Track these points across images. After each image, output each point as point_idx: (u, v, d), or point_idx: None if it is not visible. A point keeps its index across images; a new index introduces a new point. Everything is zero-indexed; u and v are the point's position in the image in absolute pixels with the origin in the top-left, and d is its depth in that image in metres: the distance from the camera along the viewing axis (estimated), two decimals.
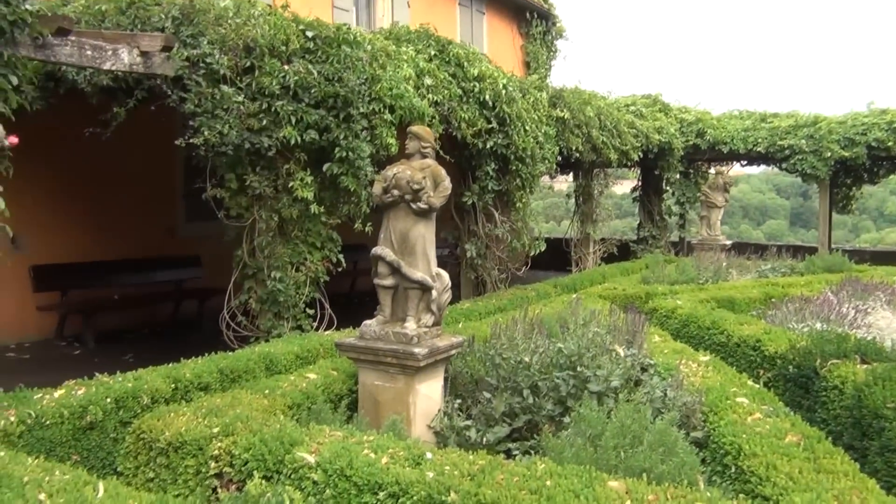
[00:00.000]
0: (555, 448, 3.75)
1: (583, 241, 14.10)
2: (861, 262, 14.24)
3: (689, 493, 3.08)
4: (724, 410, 4.30)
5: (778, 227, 53.08)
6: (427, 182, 4.74)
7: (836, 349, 5.54)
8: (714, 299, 8.79)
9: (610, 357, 5.01)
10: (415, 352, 4.57)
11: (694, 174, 18.23)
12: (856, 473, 3.39)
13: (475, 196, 9.27)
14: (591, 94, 13.08)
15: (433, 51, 8.47)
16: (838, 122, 15.97)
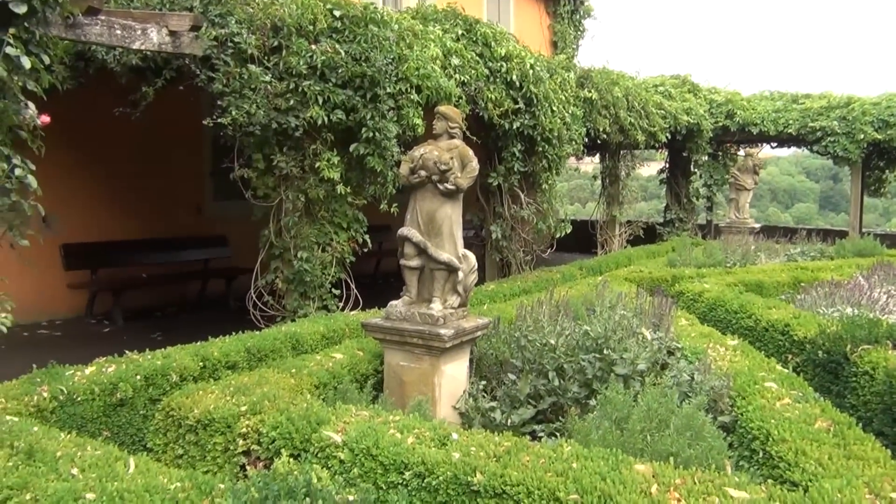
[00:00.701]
0: (581, 431, 3.75)
1: (608, 223, 14.00)
2: (893, 246, 13.99)
3: (716, 478, 3.06)
4: (753, 395, 4.27)
5: (807, 210, 52.29)
6: (454, 163, 4.72)
7: (867, 334, 5.46)
8: (742, 283, 8.70)
9: (636, 340, 4.99)
10: (440, 333, 4.57)
11: (723, 156, 17.98)
12: (887, 460, 3.35)
13: (501, 177, 9.22)
14: (619, 74, 12.93)
15: (460, 30, 8.40)
16: (872, 103, 15.63)
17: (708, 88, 17.44)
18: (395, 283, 5.13)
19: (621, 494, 2.89)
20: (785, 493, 2.95)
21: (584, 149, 12.56)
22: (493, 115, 8.48)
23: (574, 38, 18.53)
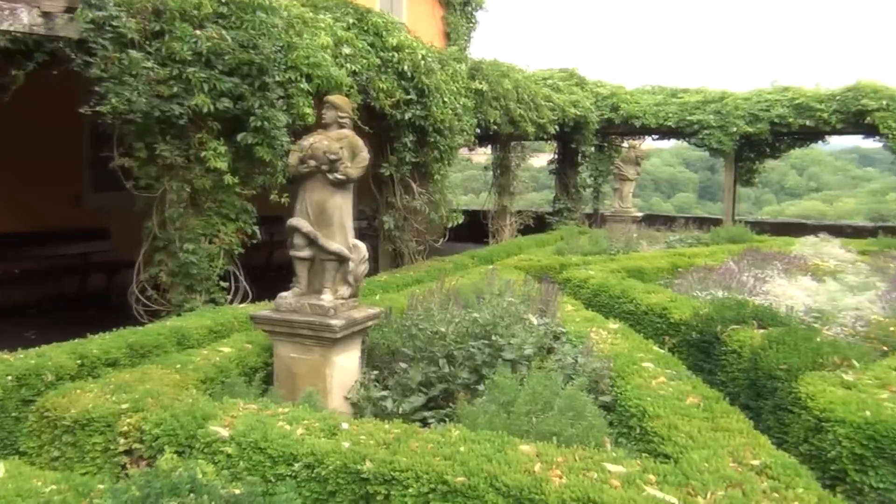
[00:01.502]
0: (469, 415, 3.84)
1: (500, 213, 14.28)
2: (762, 233, 14.94)
3: (595, 454, 3.22)
4: (631, 375, 4.49)
5: (687, 199, 54.77)
6: (344, 153, 4.71)
7: (735, 315, 5.84)
8: (624, 269, 9.08)
9: (524, 326, 5.14)
10: (331, 323, 4.57)
11: (608, 148, 18.66)
12: (749, 431, 3.61)
13: (393, 168, 9.24)
14: (509, 66, 13.17)
15: (351, 19, 8.36)
16: (744, 98, 16.61)
17: (594, 82, 18.05)
18: (287, 274, 5.07)
19: (506, 474, 2.99)
20: (658, 465, 3.14)
21: (476, 140, 12.74)
22: (385, 105, 8.49)
23: (466, 30, 18.71)
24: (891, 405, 3.99)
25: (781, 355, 4.82)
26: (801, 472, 3.06)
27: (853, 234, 16.10)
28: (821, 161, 60.77)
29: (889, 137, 15.03)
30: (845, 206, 46.30)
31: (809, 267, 9.27)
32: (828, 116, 15.65)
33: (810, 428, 4.16)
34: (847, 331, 6.61)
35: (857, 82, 15.57)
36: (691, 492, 2.87)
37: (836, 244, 11.49)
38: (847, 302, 7.31)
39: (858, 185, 55.83)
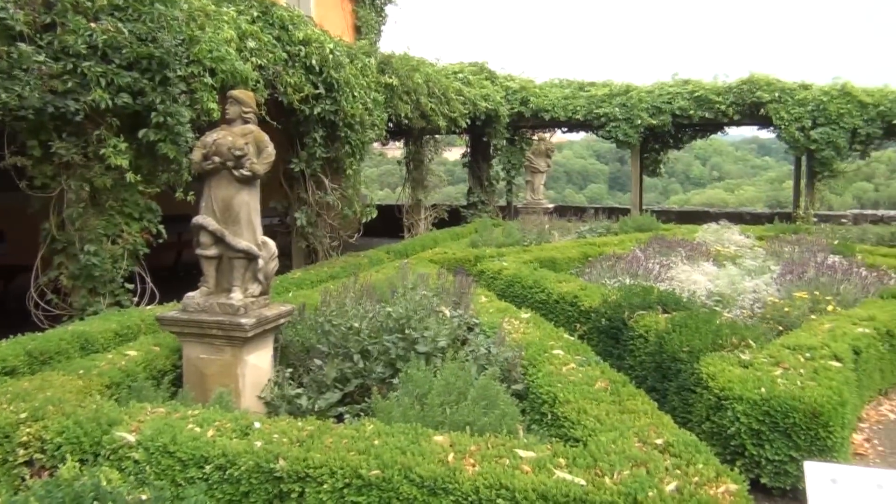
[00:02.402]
0: (383, 409, 3.85)
1: (414, 207, 14.29)
2: (668, 221, 15.46)
3: (507, 441, 3.29)
4: (542, 363, 4.59)
5: (599, 190, 56.18)
6: (250, 148, 4.62)
7: (641, 301, 6.04)
8: (537, 260, 9.25)
9: (437, 319, 5.17)
10: (242, 322, 4.49)
11: (519, 141, 18.92)
12: (654, 411, 3.75)
13: (303, 163, 9.11)
14: (419, 60, 13.16)
15: (256, 12, 8.17)
16: (647, 91, 17.14)
17: (504, 76, 18.24)
18: (197, 274, 4.94)
19: (420, 465, 3.02)
20: (568, 448, 3.23)
21: (388, 134, 12.71)
22: (293, 99, 8.36)
23: (376, 24, 18.61)
24: (784, 381, 4.22)
25: (684, 338, 5.03)
26: (701, 449, 3.20)
27: (752, 221, 16.88)
28: (722, 151, 63.39)
29: (782, 128, 15.80)
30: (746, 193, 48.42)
31: (711, 253, 9.68)
32: (725, 108, 16.32)
33: (711, 406, 4.36)
34: (746, 313, 6.96)
35: (752, 75, 16.29)
36: (599, 473, 2.97)
37: (736, 231, 12.03)
38: (745, 285, 7.67)
39: (757, 173, 58.49)
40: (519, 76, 18.51)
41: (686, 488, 2.84)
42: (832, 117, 15.41)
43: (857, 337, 5.31)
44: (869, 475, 2.41)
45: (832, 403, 3.98)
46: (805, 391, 4.06)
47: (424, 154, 14.28)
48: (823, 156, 15.59)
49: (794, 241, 10.37)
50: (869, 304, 6.47)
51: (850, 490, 2.38)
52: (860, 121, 15.39)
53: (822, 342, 4.97)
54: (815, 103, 15.56)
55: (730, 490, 2.85)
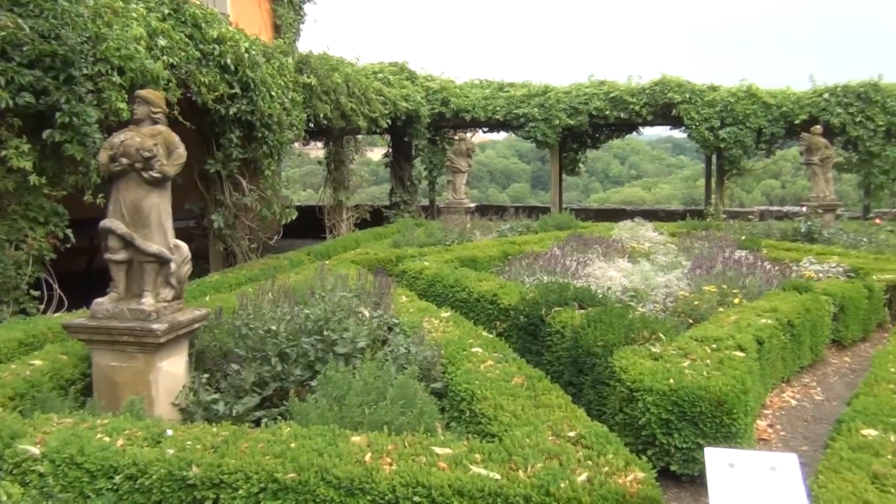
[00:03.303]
0: (300, 411, 3.82)
1: (336, 208, 14.19)
2: (587, 219, 15.83)
3: (425, 440, 3.32)
4: (461, 361, 4.64)
5: (521, 189, 56.88)
6: (159, 149, 4.51)
7: (558, 298, 6.17)
8: (458, 259, 9.32)
9: (357, 319, 5.16)
10: (154, 328, 4.37)
11: (441, 141, 19.02)
12: (568, 405, 3.84)
13: (220, 164, 8.94)
14: (338, 60, 13.10)
15: (167, 10, 7.96)
16: (564, 92, 17.49)
17: (424, 76, 18.31)
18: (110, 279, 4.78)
19: (337, 467, 3.02)
20: (484, 444, 3.28)
21: (308, 135, 12.59)
22: (208, 99, 8.19)
23: (295, 22, 18.37)
24: (691, 372, 4.39)
25: (598, 333, 5.16)
26: (611, 440, 3.31)
27: (666, 218, 17.43)
28: (639, 151, 65.16)
29: (692, 128, 16.40)
30: (662, 191, 49.88)
31: (626, 250, 9.96)
32: (639, 109, 16.82)
33: (624, 398, 4.49)
34: (658, 307, 7.19)
35: (663, 77, 16.83)
36: (513, 467, 3.03)
37: (650, 228, 12.39)
38: (658, 280, 7.92)
39: (673, 172, 60.30)
40: (439, 76, 18.61)
41: (596, 478, 2.93)
42: (739, 118, 16.08)
43: (761, 328, 5.56)
44: (763, 458, 2.54)
45: (735, 392, 4.17)
46: (710, 381, 4.23)
47: (345, 154, 14.21)
48: (731, 154, 16.26)
49: (704, 237, 10.77)
50: (772, 296, 6.78)
51: (746, 473, 2.50)
52: (765, 121, 16.12)
53: (727, 333, 5.19)
54: (723, 104, 16.21)
55: (638, 478, 2.95)
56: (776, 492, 2.43)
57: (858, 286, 7.49)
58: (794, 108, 16.08)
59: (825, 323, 6.76)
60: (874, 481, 2.94)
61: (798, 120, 15.93)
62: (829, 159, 13.40)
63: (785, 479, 2.45)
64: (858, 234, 11.64)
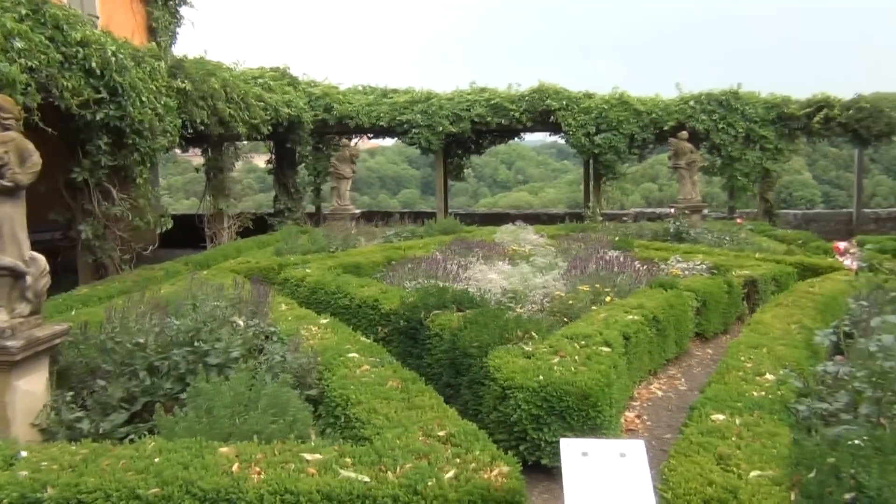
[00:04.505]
0: (167, 425, 3.73)
1: (217, 216, 13.83)
2: (473, 223, 16.10)
3: (295, 447, 3.31)
4: (337, 367, 4.65)
5: (412, 195, 57.13)
6: (11, 157, 4.28)
7: (437, 301, 6.26)
8: (342, 265, 9.30)
9: (231, 329, 5.07)
10: (8, 345, 4.14)
11: (326, 147, 18.89)
12: (440, 405, 3.92)
13: (87, 172, 8.54)
14: (216, 64, 12.78)
15: (24, 10, 7.54)
16: (447, 98, 17.76)
17: (307, 82, 18.14)
18: None
19: (203, 479, 2.97)
20: (355, 448, 3.30)
21: (185, 141, 12.22)
22: (72, 104, 7.82)
23: (170, 26, 17.79)
24: (559, 368, 4.57)
25: (474, 334, 5.28)
26: (479, 437, 3.40)
27: (548, 221, 17.97)
28: (525, 156, 66.75)
29: (570, 133, 17.01)
30: (548, 195, 51.27)
31: (507, 252, 10.21)
32: (519, 115, 17.30)
33: (498, 396, 4.62)
34: (536, 307, 7.40)
35: (541, 84, 17.39)
36: (383, 468, 3.07)
37: (531, 231, 12.75)
38: (536, 282, 8.16)
39: (558, 176, 62.09)
40: (322, 82, 18.48)
41: (463, 474, 3.01)
42: (613, 124, 16.82)
43: (628, 324, 5.84)
44: (614, 446, 2.68)
45: (599, 385, 4.37)
46: (577, 376, 4.42)
47: (225, 161, 13.86)
48: (606, 159, 16.97)
49: (580, 239, 11.20)
50: (640, 293, 7.13)
51: (598, 460, 2.64)
52: (636, 127, 16.92)
53: (596, 330, 5.42)
54: (598, 111, 16.91)
55: (502, 472, 3.05)
56: (624, 476, 2.57)
57: (719, 282, 7.99)
58: (662, 115, 16.97)
59: (688, 317, 7.16)
60: (719, 462, 3.15)
61: (667, 126, 16.82)
62: (695, 163, 14.20)
63: (633, 463, 2.60)
64: (722, 234, 12.41)
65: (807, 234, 13.70)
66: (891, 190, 42.94)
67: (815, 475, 2.92)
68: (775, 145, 17.14)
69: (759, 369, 4.45)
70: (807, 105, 17.15)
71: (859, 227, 18.36)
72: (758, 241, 12.20)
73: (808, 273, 9.02)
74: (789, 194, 42.43)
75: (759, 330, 5.59)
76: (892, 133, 17.34)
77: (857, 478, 2.83)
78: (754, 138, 17.08)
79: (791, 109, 17.12)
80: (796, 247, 11.82)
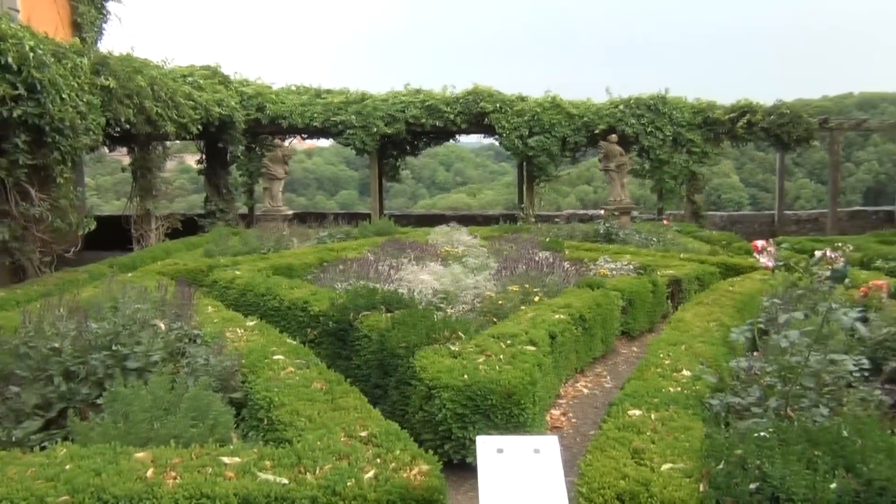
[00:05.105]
0: (81, 431, 3.63)
1: (144, 217, 13.48)
2: (408, 225, 16.11)
3: (213, 451, 3.26)
4: (262, 369, 4.60)
5: (350, 196, 56.82)
6: None
7: (367, 302, 6.25)
8: (273, 267, 9.20)
9: (153, 332, 4.96)
10: None
11: (258, 147, 18.63)
12: (364, 406, 3.92)
13: (3, 171, 8.22)
14: (143, 62, 12.46)
15: None
16: (382, 99, 17.73)
17: (239, 81, 17.85)
18: None
19: (116, 485, 2.90)
20: (274, 450, 3.27)
21: (111, 140, 11.90)
22: None
23: (97, 21, 17.28)
24: (485, 368, 4.62)
25: (402, 334, 5.29)
26: (401, 437, 3.42)
27: (483, 222, 18.14)
28: (464, 158, 67.16)
29: (503, 136, 17.19)
30: (486, 197, 51.67)
31: (441, 253, 10.26)
32: (454, 117, 17.39)
33: (424, 396, 4.65)
34: (467, 307, 7.46)
35: (475, 87, 17.52)
36: (302, 470, 3.05)
37: (465, 232, 12.84)
38: (468, 282, 8.23)
39: (496, 178, 62.63)
40: (255, 81, 18.22)
41: (383, 474, 3.02)
42: (545, 127, 17.07)
43: (554, 323, 5.93)
44: (528, 442, 2.74)
45: (524, 384, 4.43)
46: (502, 375, 4.47)
47: (153, 161, 13.53)
48: (540, 161, 17.20)
49: (513, 240, 11.33)
50: (568, 293, 7.25)
51: (513, 457, 2.68)
52: (569, 130, 17.22)
53: (522, 329, 5.50)
54: (531, 114, 17.14)
55: (422, 471, 3.07)
56: (538, 471, 2.62)
57: (645, 281, 8.20)
58: (594, 119, 17.30)
59: (615, 316, 7.33)
60: (634, 456, 3.24)
61: (598, 129, 17.16)
62: (625, 166, 14.53)
63: (546, 459, 2.65)
64: (650, 235, 12.73)
65: (731, 235, 14.18)
66: (813, 193, 44.78)
67: (724, 467, 3.02)
68: (702, 149, 17.67)
69: (676, 366, 4.59)
70: (731, 110, 17.75)
71: (781, 229, 19.08)
72: (684, 241, 12.55)
73: (731, 273, 9.34)
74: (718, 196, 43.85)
75: (679, 328, 5.76)
76: (811, 138, 18.10)
77: (761, 468, 2.95)
78: (682, 142, 17.58)
79: (716, 114, 17.69)
80: (720, 247, 12.22)
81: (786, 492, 2.81)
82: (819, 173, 44.73)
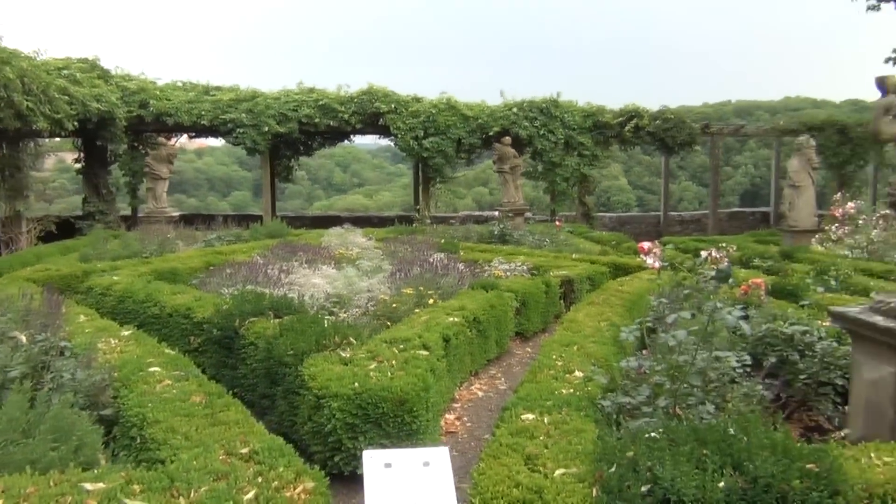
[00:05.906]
0: None
1: (13, 219, 12.56)
2: (302, 227, 15.72)
3: (74, 476, 2.97)
4: (137, 382, 4.28)
5: (243, 197, 55.31)
6: None
7: (254, 308, 5.98)
8: (156, 272, 8.72)
9: (13, 345, 4.54)
10: None
11: (142, 146, 17.77)
12: (246, 420, 3.70)
13: None
14: (12, 52, 11.60)
15: None
16: (274, 98, 17.25)
17: (121, 75, 16.96)
18: None
19: None
20: (145, 473, 3.01)
21: None
22: None
23: None
24: (376, 374, 4.47)
25: (290, 341, 5.07)
26: (285, 452, 3.22)
27: (379, 224, 17.95)
28: (361, 159, 66.68)
29: (398, 136, 17.07)
30: (384, 199, 51.45)
31: (334, 256, 10.02)
32: (349, 117, 17.13)
33: (313, 406, 4.45)
34: (361, 311, 7.29)
35: (370, 87, 17.32)
36: (175, 493, 2.81)
37: (359, 233, 12.64)
38: (361, 285, 8.04)
39: (393, 179, 62.51)
40: (138, 76, 17.36)
41: (263, 494, 2.82)
42: (441, 128, 17.07)
43: (448, 326, 5.84)
44: (417, 455, 2.61)
45: (416, 390, 4.31)
46: (393, 381, 4.33)
47: (23, 159, 12.62)
48: (435, 163, 17.19)
49: (408, 242, 11.21)
50: (462, 295, 7.19)
51: (402, 471, 2.55)
52: (464, 132, 17.28)
53: (416, 333, 5.38)
54: (426, 115, 17.10)
55: (307, 488, 2.90)
56: (428, 484, 2.50)
57: (538, 282, 8.25)
58: (488, 121, 17.44)
59: (509, 317, 7.33)
60: (527, 462, 3.17)
61: (492, 131, 17.31)
62: (518, 168, 14.70)
63: (436, 472, 2.54)
64: (543, 236, 12.91)
65: (620, 235, 14.59)
66: (695, 195, 46.98)
67: (616, 469, 2.99)
68: (592, 152, 18.14)
69: (569, 367, 4.58)
70: (620, 114, 18.30)
71: (667, 229, 19.84)
72: (576, 242, 12.80)
73: (620, 272, 9.56)
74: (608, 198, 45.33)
75: (572, 328, 5.79)
76: (694, 142, 18.92)
77: (652, 470, 2.93)
78: (573, 145, 17.98)
79: (606, 118, 18.20)
80: (610, 248, 12.54)
81: (676, 493, 2.80)
82: (701, 176, 46.98)
